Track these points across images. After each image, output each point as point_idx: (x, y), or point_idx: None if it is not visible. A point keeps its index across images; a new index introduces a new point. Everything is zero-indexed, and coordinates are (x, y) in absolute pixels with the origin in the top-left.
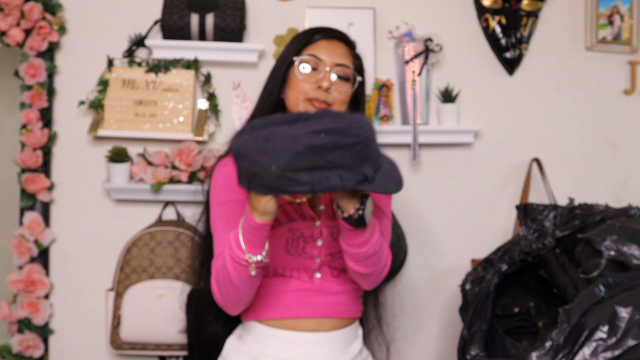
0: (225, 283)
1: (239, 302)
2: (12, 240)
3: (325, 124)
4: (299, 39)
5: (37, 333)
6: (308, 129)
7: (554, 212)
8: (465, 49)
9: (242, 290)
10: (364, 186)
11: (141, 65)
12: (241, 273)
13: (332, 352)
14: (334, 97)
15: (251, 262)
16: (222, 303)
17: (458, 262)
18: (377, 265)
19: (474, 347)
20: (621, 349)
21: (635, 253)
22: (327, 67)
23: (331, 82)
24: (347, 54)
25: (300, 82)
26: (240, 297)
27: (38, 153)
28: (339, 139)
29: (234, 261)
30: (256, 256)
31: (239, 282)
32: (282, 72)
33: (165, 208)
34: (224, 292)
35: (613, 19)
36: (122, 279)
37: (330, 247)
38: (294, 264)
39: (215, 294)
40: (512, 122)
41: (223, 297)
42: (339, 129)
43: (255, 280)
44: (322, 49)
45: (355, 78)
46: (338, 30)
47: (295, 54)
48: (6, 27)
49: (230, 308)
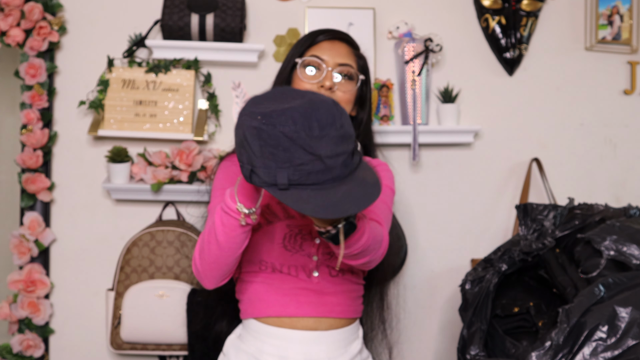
0: (210, 241)
1: (217, 268)
2: (13, 240)
3: (268, 106)
4: (302, 42)
5: (38, 333)
6: (255, 107)
7: (553, 212)
8: (465, 49)
9: (223, 249)
10: (271, 190)
11: (141, 65)
12: (228, 226)
13: (331, 351)
14: (338, 97)
15: (241, 213)
16: (200, 268)
17: (458, 262)
18: (370, 255)
19: (474, 346)
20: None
21: (635, 253)
22: (330, 67)
23: (334, 82)
24: (349, 54)
25: (303, 83)
26: (220, 259)
27: (38, 153)
28: (267, 127)
29: (223, 212)
30: (247, 208)
31: (224, 238)
32: (286, 75)
33: (165, 208)
34: (205, 253)
35: (613, 19)
36: (122, 279)
37: (328, 246)
38: (291, 261)
39: (195, 261)
40: (512, 122)
41: (203, 260)
42: (274, 113)
43: (239, 242)
44: (324, 50)
45: (358, 77)
46: (340, 31)
47: (298, 56)
48: (6, 27)
49: (207, 274)
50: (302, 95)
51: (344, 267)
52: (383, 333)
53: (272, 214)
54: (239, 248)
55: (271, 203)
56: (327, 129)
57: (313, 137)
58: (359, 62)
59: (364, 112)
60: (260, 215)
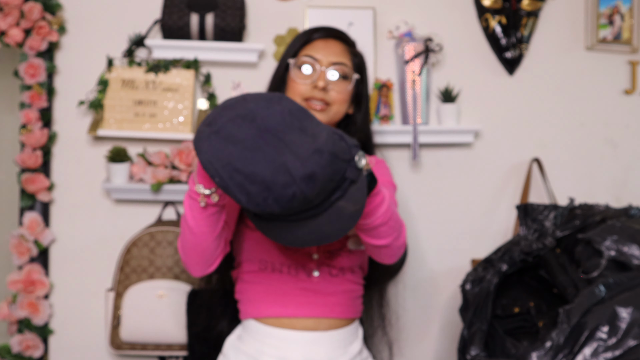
0: (183, 228)
1: (197, 254)
2: (12, 240)
3: (251, 105)
4: (296, 40)
5: (37, 333)
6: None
7: (554, 212)
8: (465, 49)
9: (196, 234)
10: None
11: (141, 65)
12: (195, 210)
13: (331, 351)
14: (333, 97)
15: (200, 194)
16: (183, 257)
17: (458, 262)
18: (391, 236)
19: (474, 347)
20: (622, 349)
21: (635, 253)
22: (323, 66)
23: (327, 81)
24: (344, 52)
25: (297, 83)
26: (196, 245)
27: (38, 153)
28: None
29: (189, 197)
30: (206, 189)
31: (193, 222)
32: (280, 74)
33: (165, 208)
34: (183, 241)
35: (613, 19)
36: (122, 279)
37: (329, 245)
38: (291, 260)
39: (179, 251)
40: (512, 122)
41: (183, 248)
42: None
43: (210, 225)
44: (318, 49)
45: (353, 76)
46: (335, 29)
47: (292, 55)
48: (6, 27)
49: (189, 261)
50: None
51: (345, 264)
52: (383, 330)
53: None
54: (213, 231)
55: None
56: (270, 206)
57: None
58: (355, 60)
59: (360, 110)
60: None
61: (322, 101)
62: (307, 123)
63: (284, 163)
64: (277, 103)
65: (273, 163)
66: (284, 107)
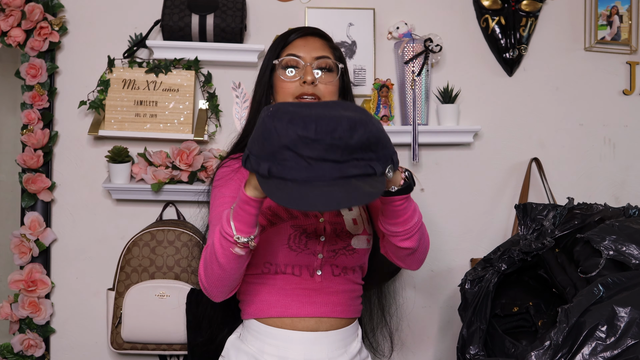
0: (212, 261)
1: (223, 285)
2: (14, 240)
3: (295, 108)
4: (276, 44)
5: (38, 332)
6: (283, 105)
7: (553, 211)
8: (464, 49)
9: (226, 270)
10: (257, 176)
11: (142, 65)
12: (227, 249)
13: (331, 351)
14: (322, 91)
15: (238, 242)
16: (207, 285)
17: (457, 261)
18: (420, 239)
19: (474, 346)
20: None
21: (634, 253)
22: (308, 62)
23: (314, 76)
24: (324, 47)
25: (285, 83)
26: (224, 278)
27: (39, 153)
28: (267, 120)
29: (221, 236)
30: (243, 237)
31: (224, 259)
32: (266, 79)
33: (165, 208)
34: (209, 271)
35: (612, 20)
36: (122, 279)
37: (333, 244)
38: (296, 261)
39: (200, 277)
40: (511, 122)
41: (207, 278)
42: (281, 111)
43: (241, 262)
44: (299, 47)
45: (338, 67)
46: (311, 27)
47: (275, 58)
48: (7, 27)
49: (214, 291)
50: (335, 105)
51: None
52: (383, 321)
53: (276, 215)
54: (242, 267)
55: (273, 205)
56: (322, 135)
57: (304, 139)
58: (335, 54)
59: (347, 100)
60: (264, 218)
61: (313, 96)
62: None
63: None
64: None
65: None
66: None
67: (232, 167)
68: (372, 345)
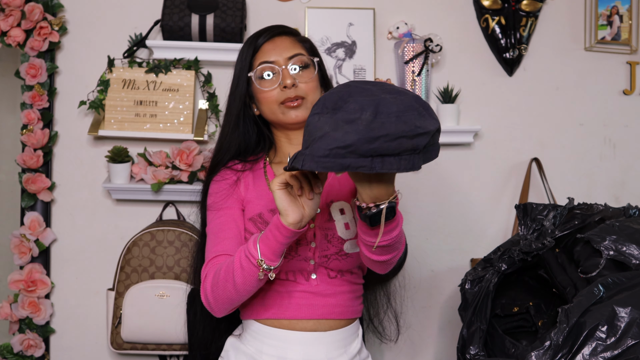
0: (226, 280)
1: (230, 304)
2: (13, 240)
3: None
4: (244, 54)
5: (38, 332)
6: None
7: (553, 211)
8: (465, 49)
9: (240, 292)
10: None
11: (142, 65)
12: (247, 271)
13: (331, 351)
14: (304, 89)
15: (261, 267)
16: (212, 303)
17: (457, 261)
18: (395, 252)
19: (474, 346)
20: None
21: (634, 253)
22: (283, 65)
23: (293, 78)
24: (294, 44)
25: (266, 93)
26: (234, 299)
27: (39, 153)
28: (311, 117)
29: (245, 257)
30: (268, 264)
31: (241, 280)
32: (243, 91)
33: (165, 208)
34: (220, 291)
35: (612, 20)
36: (122, 279)
37: (325, 249)
38: (289, 267)
39: (206, 294)
40: (511, 122)
41: (216, 297)
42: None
43: (256, 287)
44: (269, 52)
45: (314, 62)
46: (275, 26)
47: (247, 70)
48: (7, 27)
49: (219, 308)
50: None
51: (345, 268)
52: (388, 305)
53: (265, 223)
54: (255, 289)
55: (263, 212)
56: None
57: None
58: (306, 46)
59: (328, 90)
60: (255, 227)
61: (297, 98)
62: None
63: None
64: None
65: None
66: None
67: (229, 179)
68: (377, 330)
